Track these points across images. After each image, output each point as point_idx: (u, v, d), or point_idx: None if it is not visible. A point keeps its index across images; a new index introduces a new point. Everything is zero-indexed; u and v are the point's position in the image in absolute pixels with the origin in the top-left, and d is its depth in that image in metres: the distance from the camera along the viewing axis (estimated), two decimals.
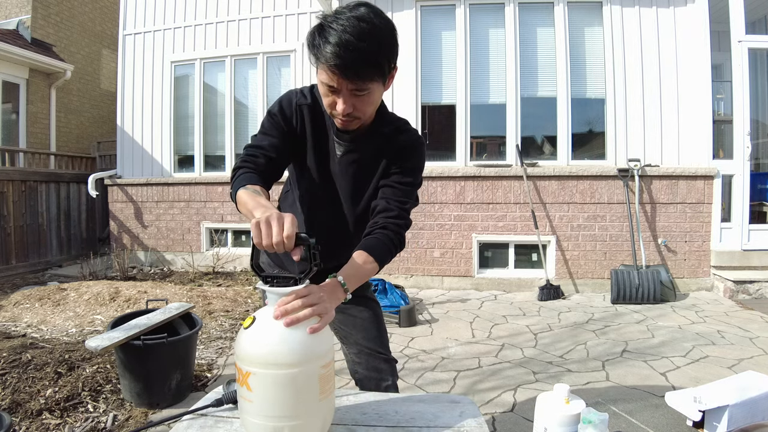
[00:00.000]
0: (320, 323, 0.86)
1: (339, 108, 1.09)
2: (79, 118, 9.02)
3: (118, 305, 3.88)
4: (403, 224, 1.21)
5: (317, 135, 1.25)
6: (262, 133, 1.22)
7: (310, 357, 0.84)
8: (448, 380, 2.69)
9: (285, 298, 0.86)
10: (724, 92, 5.42)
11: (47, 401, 2.25)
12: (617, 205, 4.79)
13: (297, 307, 0.85)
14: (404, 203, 1.23)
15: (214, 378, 2.76)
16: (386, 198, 1.23)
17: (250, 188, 1.04)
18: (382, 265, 1.15)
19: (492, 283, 4.96)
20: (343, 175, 1.27)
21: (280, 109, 1.22)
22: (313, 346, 0.85)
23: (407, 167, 1.25)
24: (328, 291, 0.97)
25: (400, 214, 1.21)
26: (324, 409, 0.89)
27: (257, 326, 0.86)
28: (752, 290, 4.34)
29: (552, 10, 4.94)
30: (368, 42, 1.00)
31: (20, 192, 6.17)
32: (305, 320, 0.85)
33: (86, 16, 9.30)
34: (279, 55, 5.93)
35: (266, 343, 0.83)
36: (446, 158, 5.13)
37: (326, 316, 0.88)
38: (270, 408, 0.83)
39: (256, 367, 0.83)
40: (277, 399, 0.83)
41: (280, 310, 0.84)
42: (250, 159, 1.16)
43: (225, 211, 6.07)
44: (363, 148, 1.24)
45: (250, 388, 0.83)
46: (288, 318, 0.83)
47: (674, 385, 2.53)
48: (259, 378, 0.82)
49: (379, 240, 1.16)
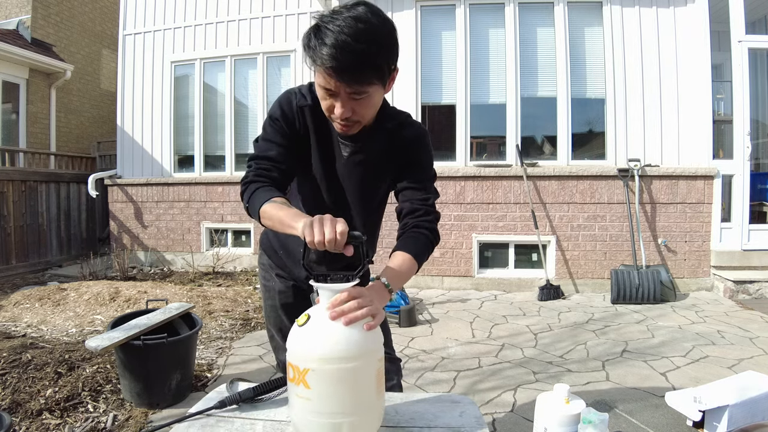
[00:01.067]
0: (375, 321, 0.89)
1: (337, 112, 1.06)
2: (79, 118, 9.02)
3: (118, 305, 3.88)
4: (433, 219, 1.23)
5: (320, 137, 1.21)
6: (267, 140, 1.19)
7: (369, 351, 0.87)
8: (448, 380, 2.69)
9: (339, 298, 0.88)
10: (724, 92, 5.42)
11: (47, 401, 2.25)
12: (617, 205, 4.79)
13: (353, 308, 0.87)
14: (427, 200, 1.23)
15: (214, 378, 2.76)
16: (409, 200, 1.23)
17: (279, 201, 1.04)
18: (421, 263, 1.16)
19: (492, 283, 4.96)
20: (350, 177, 1.24)
21: (282, 113, 1.18)
22: (370, 341, 0.88)
23: (419, 162, 1.24)
24: (376, 292, 1.00)
25: (427, 211, 1.22)
26: (379, 405, 0.91)
27: (314, 323, 0.87)
28: (752, 290, 4.34)
29: (552, 10, 4.94)
30: (366, 43, 0.96)
31: (20, 192, 6.17)
32: (362, 318, 0.87)
33: (86, 16, 9.30)
34: (279, 55, 5.93)
35: (326, 339, 0.84)
36: (446, 158, 5.13)
37: (379, 315, 0.91)
38: (329, 404, 0.84)
39: (315, 363, 0.83)
40: (337, 394, 0.84)
41: (337, 311, 0.86)
42: (264, 173, 1.14)
43: (225, 211, 6.07)
44: (369, 147, 1.21)
45: (308, 385, 0.83)
46: (346, 317, 0.85)
47: (674, 385, 2.53)
48: (319, 374, 0.83)
49: (415, 239, 1.17)
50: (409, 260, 1.13)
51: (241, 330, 3.63)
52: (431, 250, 1.22)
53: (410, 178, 1.24)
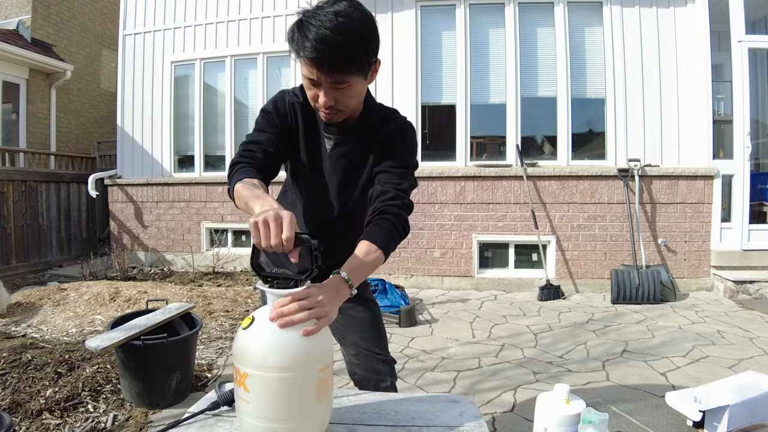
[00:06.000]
0: (316, 326, 0.85)
1: (321, 101, 1.11)
2: (79, 118, 9.02)
3: (118, 305, 3.88)
4: (402, 204, 1.18)
5: (308, 132, 1.27)
6: (258, 130, 1.24)
7: (307, 361, 0.83)
8: (448, 380, 2.69)
9: (282, 300, 0.85)
10: (724, 92, 5.41)
11: (47, 401, 2.25)
12: (617, 205, 4.79)
13: (293, 311, 0.84)
14: (399, 184, 1.20)
15: (214, 378, 2.76)
16: (381, 182, 1.21)
17: (248, 182, 1.03)
18: (387, 252, 1.11)
19: (492, 283, 4.96)
20: (334, 169, 1.28)
21: (274, 107, 1.24)
22: (310, 349, 0.84)
23: (398, 151, 1.24)
24: (331, 290, 0.95)
25: (397, 195, 1.18)
26: (321, 411, 0.88)
27: (255, 327, 0.85)
28: (752, 290, 4.34)
29: (552, 10, 4.94)
30: (345, 36, 1.01)
31: (20, 192, 6.17)
32: (300, 323, 0.84)
33: (86, 16, 9.30)
34: (279, 55, 5.93)
35: (263, 346, 0.83)
36: (446, 158, 5.13)
37: (324, 319, 0.87)
38: (266, 410, 0.83)
39: (252, 368, 0.82)
40: (273, 401, 0.83)
41: (276, 312, 0.84)
42: (248, 154, 1.16)
43: (225, 211, 6.07)
44: (351, 140, 1.25)
45: (247, 389, 0.83)
46: (282, 320, 0.83)
47: (674, 385, 2.53)
48: (256, 380, 0.82)
49: (380, 226, 1.13)
50: (374, 250, 1.08)
51: None
52: (399, 240, 1.17)
53: (386, 163, 1.23)
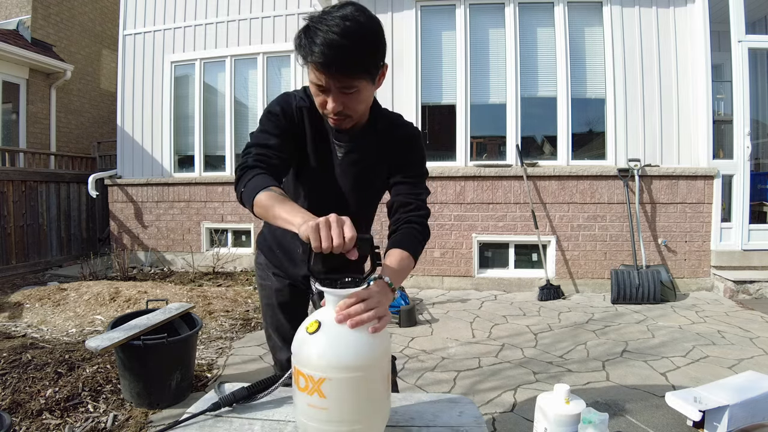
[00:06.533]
0: (381, 323, 0.88)
1: (329, 107, 1.10)
2: (79, 118, 9.02)
3: (118, 305, 3.88)
4: (424, 214, 1.26)
5: (317, 138, 1.24)
6: (266, 132, 1.18)
7: (379, 357, 0.86)
8: (448, 380, 2.69)
9: (346, 301, 0.87)
10: (724, 92, 5.41)
11: (47, 401, 2.25)
12: (617, 205, 4.79)
13: (361, 310, 0.86)
14: (419, 195, 1.27)
15: (214, 378, 2.76)
16: (401, 194, 1.27)
17: (276, 191, 1.01)
18: (416, 257, 1.18)
19: (492, 283, 4.96)
20: (345, 176, 1.27)
21: (281, 110, 1.20)
22: (380, 345, 0.87)
23: (411, 160, 1.29)
24: (382, 293, 0.98)
25: (419, 206, 1.25)
26: (388, 405, 0.92)
27: (325, 331, 0.85)
28: (752, 290, 4.34)
29: (552, 10, 4.94)
30: (353, 40, 1.01)
31: (20, 192, 6.17)
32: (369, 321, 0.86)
33: (86, 16, 9.30)
34: (279, 55, 5.93)
35: (340, 348, 0.83)
36: (446, 158, 5.13)
37: (385, 317, 0.90)
38: (348, 413, 0.83)
39: (331, 372, 0.81)
40: (354, 402, 0.83)
41: (344, 314, 0.85)
42: (264, 159, 1.12)
43: (225, 211, 6.07)
44: (362, 147, 1.25)
45: (323, 395, 0.81)
46: (353, 320, 0.84)
47: (674, 385, 2.53)
48: (335, 383, 0.81)
49: (408, 234, 1.20)
50: (407, 257, 1.14)
51: (241, 330, 3.63)
52: (423, 245, 1.25)
53: (403, 174, 1.28)
